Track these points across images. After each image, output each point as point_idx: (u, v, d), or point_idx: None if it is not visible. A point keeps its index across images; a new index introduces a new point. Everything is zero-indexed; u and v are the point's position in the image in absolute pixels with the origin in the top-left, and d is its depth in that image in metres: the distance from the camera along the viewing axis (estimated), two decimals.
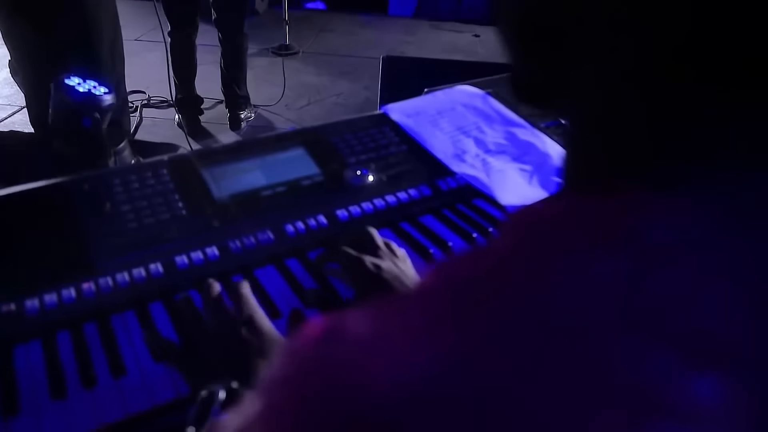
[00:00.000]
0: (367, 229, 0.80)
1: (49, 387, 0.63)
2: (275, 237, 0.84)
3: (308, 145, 1.00)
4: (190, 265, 0.78)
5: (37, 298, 0.71)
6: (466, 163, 1.02)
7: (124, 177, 0.89)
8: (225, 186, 0.90)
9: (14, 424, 0.59)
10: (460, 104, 1.17)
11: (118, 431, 0.60)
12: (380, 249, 0.76)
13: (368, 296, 0.71)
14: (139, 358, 0.67)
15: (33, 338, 0.69)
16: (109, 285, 0.74)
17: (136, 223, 0.82)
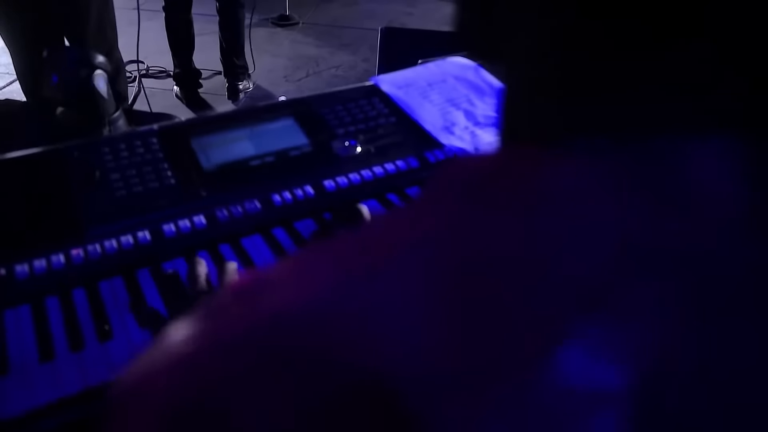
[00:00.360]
0: (358, 207, 0.80)
1: (38, 349, 0.65)
2: (262, 207, 0.85)
3: (297, 116, 1.01)
4: (178, 234, 0.79)
5: (26, 263, 0.72)
6: (454, 135, 1.03)
7: (113, 145, 0.89)
8: (213, 156, 0.91)
9: (4, 383, 0.61)
10: (451, 76, 1.17)
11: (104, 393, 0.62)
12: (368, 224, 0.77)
13: None
14: (126, 323, 0.69)
15: (22, 303, 0.70)
16: (98, 251, 0.75)
17: (125, 191, 0.83)
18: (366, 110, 1.04)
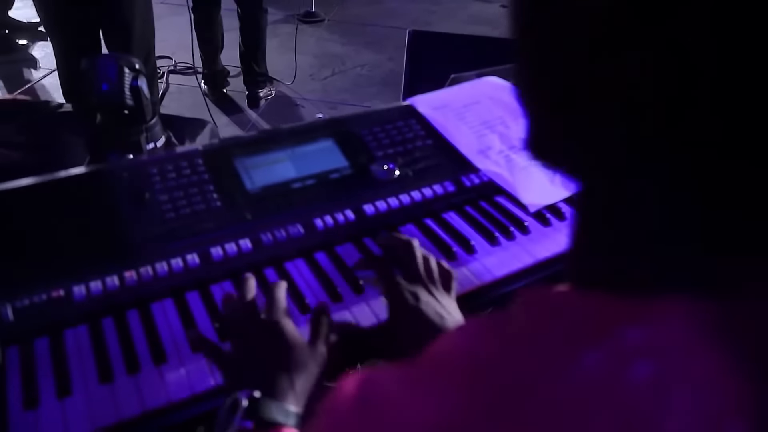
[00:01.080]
0: (411, 242, 0.78)
1: (97, 371, 0.68)
2: (305, 231, 0.87)
3: (337, 137, 1.03)
4: (225, 257, 0.82)
5: (83, 285, 0.76)
6: (490, 159, 1.05)
7: (161, 166, 0.93)
8: (257, 177, 0.94)
9: (68, 405, 0.65)
10: (486, 97, 1.19)
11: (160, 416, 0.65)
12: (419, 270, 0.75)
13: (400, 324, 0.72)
14: (179, 346, 0.72)
15: (80, 323, 0.74)
16: (150, 274, 0.78)
17: (174, 213, 0.86)
18: (403, 132, 1.06)
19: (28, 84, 3.31)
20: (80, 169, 0.91)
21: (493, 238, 0.91)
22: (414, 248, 0.77)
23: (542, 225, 0.95)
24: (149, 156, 0.95)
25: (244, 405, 0.57)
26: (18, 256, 0.77)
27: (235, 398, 0.58)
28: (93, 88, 1.38)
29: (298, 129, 1.05)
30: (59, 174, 0.90)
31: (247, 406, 0.57)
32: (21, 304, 0.72)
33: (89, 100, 1.46)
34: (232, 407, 0.58)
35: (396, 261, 0.76)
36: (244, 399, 0.58)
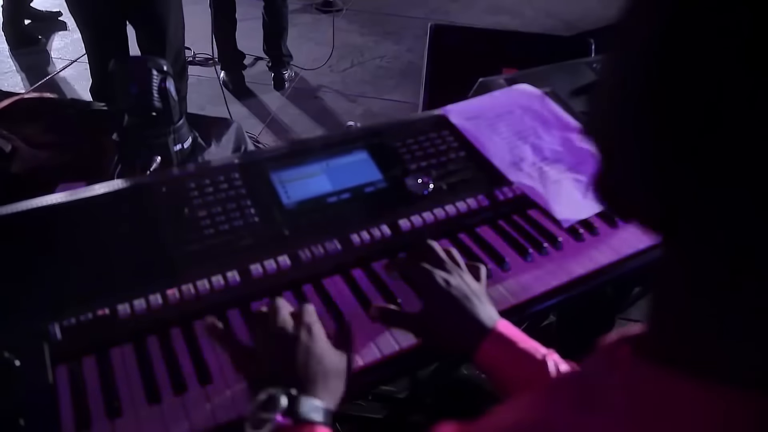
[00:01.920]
0: (428, 242, 0.83)
1: (144, 391, 0.70)
2: (342, 247, 0.88)
3: (371, 149, 1.04)
4: (264, 274, 0.83)
5: (127, 303, 0.77)
6: (523, 171, 1.05)
7: (198, 180, 0.93)
8: (293, 192, 0.94)
9: (118, 426, 0.66)
10: (518, 106, 1.18)
11: None
12: (445, 262, 0.80)
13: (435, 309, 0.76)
14: (223, 366, 0.73)
15: (126, 341, 0.75)
16: (191, 292, 0.80)
17: (213, 229, 0.87)
18: (437, 144, 1.07)
19: (50, 75, 3.33)
20: (118, 183, 0.93)
21: (526, 254, 0.91)
22: (433, 246, 0.82)
23: (575, 240, 0.95)
24: (186, 170, 0.96)
25: (283, 402, 0.59)
26: (63, 275, 0.78)
27: (273, 394, 0.60)
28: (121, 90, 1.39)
29: (331, 140, 1.05)
30: (97, 189, 0.91)
31: (287, 404, 0.59)
32: (68, 323, 0.74)
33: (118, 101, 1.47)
34: (269, 403, 0.60)
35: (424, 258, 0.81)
36: (283, 396, 0.60)
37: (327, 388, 0.65)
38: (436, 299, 0.76)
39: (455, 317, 0.74)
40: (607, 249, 0.94)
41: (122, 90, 1.41)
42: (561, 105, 1.21)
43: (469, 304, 0.74)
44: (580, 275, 0.90)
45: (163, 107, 1.42)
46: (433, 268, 0.78)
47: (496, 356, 0.71)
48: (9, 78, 3.31)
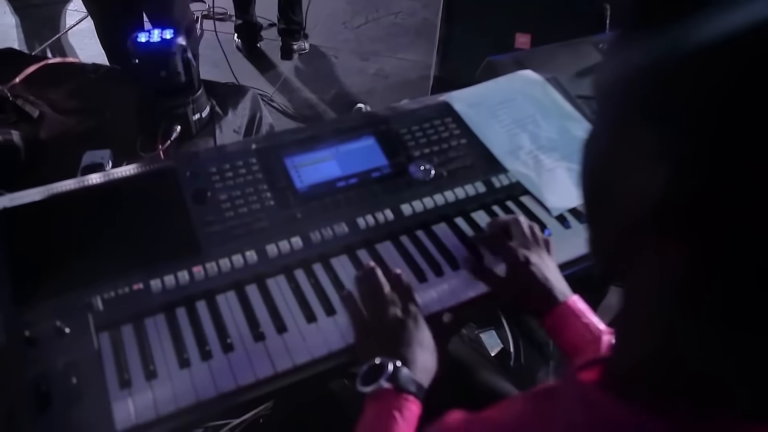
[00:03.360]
0: (516, 218, 0.96)
1: (176, 357, 0.81)
2: (349, 230, 0.98)
3: (378, 135, 1.12)
4: (279, 254, 0.93)
5: (159, 279, 0.87)
6: (519, 159, 1.13)
7: (219, 165, 1.02)
8: (305, 176, 1.03)
9: (155, 386, 0.77)
10: (520, 93, 1.25)
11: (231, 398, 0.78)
12: (529, 241, 0.93)
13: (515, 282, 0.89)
14: (243, 336, 0.84)
15: (158, 313, 0.86)
16: (215, 270, 0.90)
17: (233, 212, 0.97)
18: (440, 131, 1.14)
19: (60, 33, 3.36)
20: (148, 166, 1.01)
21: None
22: (520, 222, 0.95)
23: (563, 227, 1.04)
24: (209, 154, 1.05)
25: (390, 370, 0.73)
26: (103, 253, 0.89)
27: (382, 362, 0.74)
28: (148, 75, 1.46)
29: (342, 126, 1.13)
30: (130, 170, 1.00)
31: (391, 372, 0.73)
32: (108, 296, 0.84)
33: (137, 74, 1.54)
34: (377, 369, 0.74)
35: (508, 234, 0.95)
36: (390, 364, 0.73)
37: (424, 367, 0.78)
38: (518, 275, 0.89)
39: (531, 291, 0.88)
40: None
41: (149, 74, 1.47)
42: (562, 92, 1.27)
43: (544, 281, 0.87)
44: (565, 260, 0.99)
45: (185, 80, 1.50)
46: (518, 246, 0.91)
47: (560, 324, 0.84)
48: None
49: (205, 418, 0.78)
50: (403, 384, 0.73)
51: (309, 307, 0.88)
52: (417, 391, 0.74)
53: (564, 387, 0.46)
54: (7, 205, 0.92)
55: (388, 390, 0.73)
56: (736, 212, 0.30)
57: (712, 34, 0.29)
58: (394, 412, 0.71)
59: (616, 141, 0.37)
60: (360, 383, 0.75)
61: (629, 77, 0.35)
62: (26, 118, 1.63)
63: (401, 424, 0.70)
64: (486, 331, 1.89)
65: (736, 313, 0.33)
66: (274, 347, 0.83)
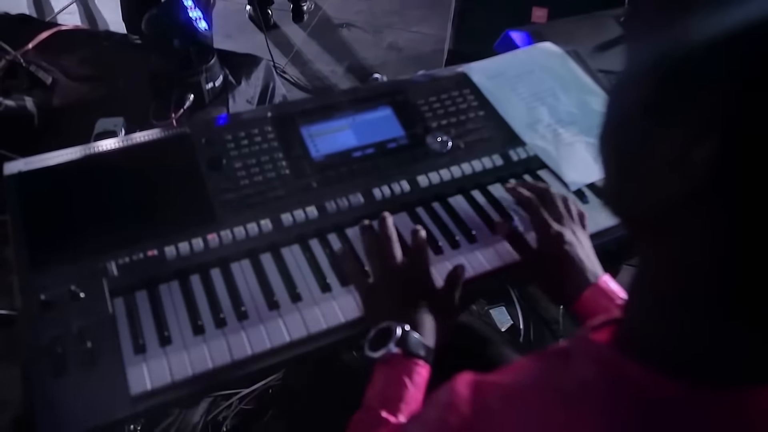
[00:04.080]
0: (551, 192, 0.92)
1: (191, 324, 0.81)
2: (365, 200, 0.96)
3: (395, 105, 1.10)
4: (294, 223, 0.92)
5: (174, 245, 0.87)
6: (537, 133, 1.11)
7: (234, 132, 1.01)
8: (321, 145, 1.02)
9: (170, 353, 0.77)
10: (538, 66, 1.23)
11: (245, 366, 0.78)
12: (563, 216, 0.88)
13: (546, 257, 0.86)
14: (257, 305, 0.83)
15: (172, 279, 0.86)
16: (229, 238, 0.89)
17: (248, 180, 0.96)
18: (457, 102, 1.12)
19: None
20: (163, 132, 1.00)
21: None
22: (552, 194, 0.91)
23: (581, 202, 1.02)
24: (223, 121, 1.03)
25: (398, 334, 0.72)
26: (117, 219, 0.88)
27: (390, 326, 0.73)
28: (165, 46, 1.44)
29: (358, 95, 1.11)
30: (145, 136, 0.99)
31: (400, 336, 0.72)
32: (123, 261, 0.84)
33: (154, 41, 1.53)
34: (385, 333, 0.73)
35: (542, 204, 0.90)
36: (398, 328, 0.72)
37: (433, 330, 0.77)
38: (549, 250, 0.85)
39: (562, 269, 0.84)
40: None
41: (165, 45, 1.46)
42: (582, 65, 1.24)
43: (577, 259, 0.83)
44: None
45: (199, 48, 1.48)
46: (553, 220, 0.87)
47: (592, 306, 0.80)
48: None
49: (219, 384, 0.77)
50: (412, 348, 0.72)
51: (324, 276, 0.87)
52: (426, 355, 0.73)
53: (576, 347, 0.46)
54: (23, 169, 0.92)
55: (397, 355, 0.72)
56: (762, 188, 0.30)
57: None
58: (403, 378, 0.71)
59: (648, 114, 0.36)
60: (368, 348, 0.74)
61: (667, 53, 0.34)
62: (39, 84, 1.62)
63: (411, 390, 0.70)
64: (496, 308, 1.89)
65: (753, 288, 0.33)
66: (289, 316, 0.82)
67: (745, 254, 0.32)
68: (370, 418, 0.68)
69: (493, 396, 0.45)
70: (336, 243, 0.93)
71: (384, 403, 0.69)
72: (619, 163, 0.40)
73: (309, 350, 0.81)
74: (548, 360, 0.47)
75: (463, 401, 0.46)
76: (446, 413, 0.47)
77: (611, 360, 0.41)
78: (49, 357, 0.74)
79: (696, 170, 0.31)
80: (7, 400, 1.08)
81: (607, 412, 0.38)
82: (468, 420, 0.45)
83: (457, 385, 0.49)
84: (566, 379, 0.42)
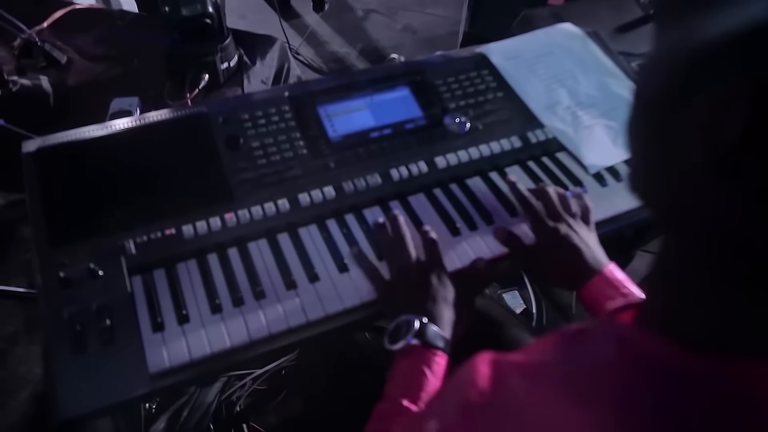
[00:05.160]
0: (544, 188, 0.92)
1: (208, 303, 0.81)
2: (382, 181, 0.96)
3: (413, 86, 1.09)
4: (311, 203, 0.92)
5: (191, 224, 0.87)
6: (556, 115, 1.09)
7: (251, 111, 1.00)
8: (338, 125, 1.01)
9: (188, 331, 0.77)
10: (558, 47, 1.21)
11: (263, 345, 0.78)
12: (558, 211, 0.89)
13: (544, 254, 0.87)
14: (275, 284, 0.83)
15: (190, 258, 0.85)
16: (247, 217, 0.89)
17: (265, 159, 0.95)
18: (476, 83, 1.11)
19: None
20: (181, 111, 1.00)
21: None
22: (548, 192, 0.91)
23: (599, 185, 1.01)
24: (241, 100, 1.03)
25: (416, 326, 0.73)
26: (135, 198, 0.88)
27: (408, 319, 0.75)
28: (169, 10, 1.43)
29: (376, 75, 1.10)
30: (160, 115, 0.99)
31: (418, 328, 0.73)
32: (141, 239, 0.84)
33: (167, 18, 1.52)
34: (405, 326, 0.74)
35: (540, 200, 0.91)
36: (417, 321, 0.74)
37: (450, 320, 0.78)
38: (545, 244, 0.87)
39: (561, 263, 0.85)
40: (628, 196, 0.99)
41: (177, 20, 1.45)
42: (602, 47, 1.22)
43: (576, 251, 0.84)
44: (601, 219, 0.96)
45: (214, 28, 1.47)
46: (546, 216, 0.88)
47: (597, 295, 0.81)
48: None
49: (237, 363, 0.78)
50: (430, 339, 0.74)
51: (341, 256, 0.87)
52: (444, 346, 0.75)
53: (598, 327, 0.46)
54: (41, 146, 0.92)
55: (416, 346, 0.74)
56: None
57: None
58: (423, 368, 0.72)
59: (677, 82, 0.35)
60: (388, 341, 0.76)
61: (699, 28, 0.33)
62: (54, 63, 1.62)
63: (431, 379, 0.72)
64: (509, 292, 1.89)
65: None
66: (306, 295, 0.82)
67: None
68: (391, 407, 0.70)
69: (514, 374, 0.45)
70: (353, 223, 0.92)
71: (404, 393, 0.71)
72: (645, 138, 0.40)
73: (326, 330, 0.81)
74: (570, 339, 0.47)
75: (483, 379, 0.46)
76: (466, 390, 0.47)
77: (635, 338, 0.41)
78: (68, 334, 0.75)
79: (723, 140, 0.31)
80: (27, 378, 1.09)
81: (631, 388, 0.38)
82: (488, 397, 0.45)
83: (477, 364, 0.48)
84: (589, 357, 0.42)
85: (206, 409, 1.46)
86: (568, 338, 0.47)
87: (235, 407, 1.50)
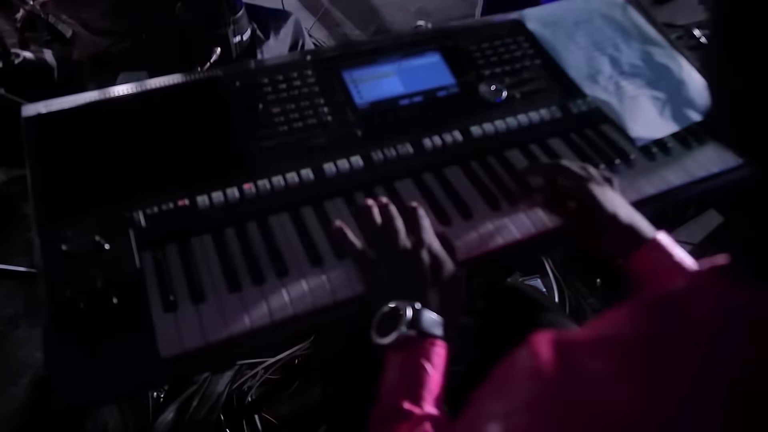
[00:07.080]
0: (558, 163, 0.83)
1: (226, 280, 0.73)
2: (414, 151, 0.88)
3: (444, 51, 1.00)
4: (337, 173, 0.84)
5: (206, 195, 0.79)
6: (599, 85, 1.01)
7: (271, 76, 0.92)
8: (365, 92, 0.93)
9: (203, 311, 0.70)
10: (598, 14, 1.12)
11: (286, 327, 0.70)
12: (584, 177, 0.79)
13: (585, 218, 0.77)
14: (298, 260, 0.75)
15: (205, 232, 0.78)
16: (267, 188, 0.81)
17: (287, 126, 0.87)
18: (512, 50, 1.03)
19: None
20: (193, 76, 0.92)
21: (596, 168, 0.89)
22: (566, 166, 0.81)
23: (647, 159, 0.93)
24: (259, 64, 0.95)
25: (408, 315, 0.62)
26: (146, 166, 0.80)
27: (398, 307, 0.64)
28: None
29: (403, 40, 1.02)
30: (174, 80, 0.91)
31: (411, 316, 0.62)
32: (151, 211, 0.76)
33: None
34: (394, 315, 0.63)
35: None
36: (408, 308, 0.63)
37: (446, 304, 0.67)
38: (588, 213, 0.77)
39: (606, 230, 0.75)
40: (680, 170, 0.92)
41: None
42: (644, 15, 1.14)
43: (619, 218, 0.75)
44: (650, 194, 0.88)
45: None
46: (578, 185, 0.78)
47: (648, 263, 0.72)
48: None
49: (257, 347, 0.70)
50: (427, 328, 0.63)
51: None
52: (443, 334, 0.64)
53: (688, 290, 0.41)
54: (42, 112, 0.84)
55: (410, 337, 0.63)
56: None
57: None
58: (421, 361, 0.62)
59: None
60: (376, 334, 0.64)
61: None
62: (59, 37, 1.54)
63: (432, 374, 0.61)
64: (531, 280, 1.81)
65: None
66: (333, 274, 0.74)
67: None
68: (390, 413, 0.60)
69: (583, 353, 0.39)
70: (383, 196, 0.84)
71: (404, 393, 0.60)
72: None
73: (354, 311, 0.73)
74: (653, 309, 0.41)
75: (547, 363, 0.40)
76: (531, 381, 0.40)
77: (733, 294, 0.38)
78: (70, 313, 0.67)
79: None
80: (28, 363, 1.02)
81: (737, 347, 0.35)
82: (557, 384, 0.39)
83: (537, 348, 0.41)
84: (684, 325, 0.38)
85: (216, 399, 1.38)
86: (653, 306, 0.41)
87: (246, 397, 1.43)
